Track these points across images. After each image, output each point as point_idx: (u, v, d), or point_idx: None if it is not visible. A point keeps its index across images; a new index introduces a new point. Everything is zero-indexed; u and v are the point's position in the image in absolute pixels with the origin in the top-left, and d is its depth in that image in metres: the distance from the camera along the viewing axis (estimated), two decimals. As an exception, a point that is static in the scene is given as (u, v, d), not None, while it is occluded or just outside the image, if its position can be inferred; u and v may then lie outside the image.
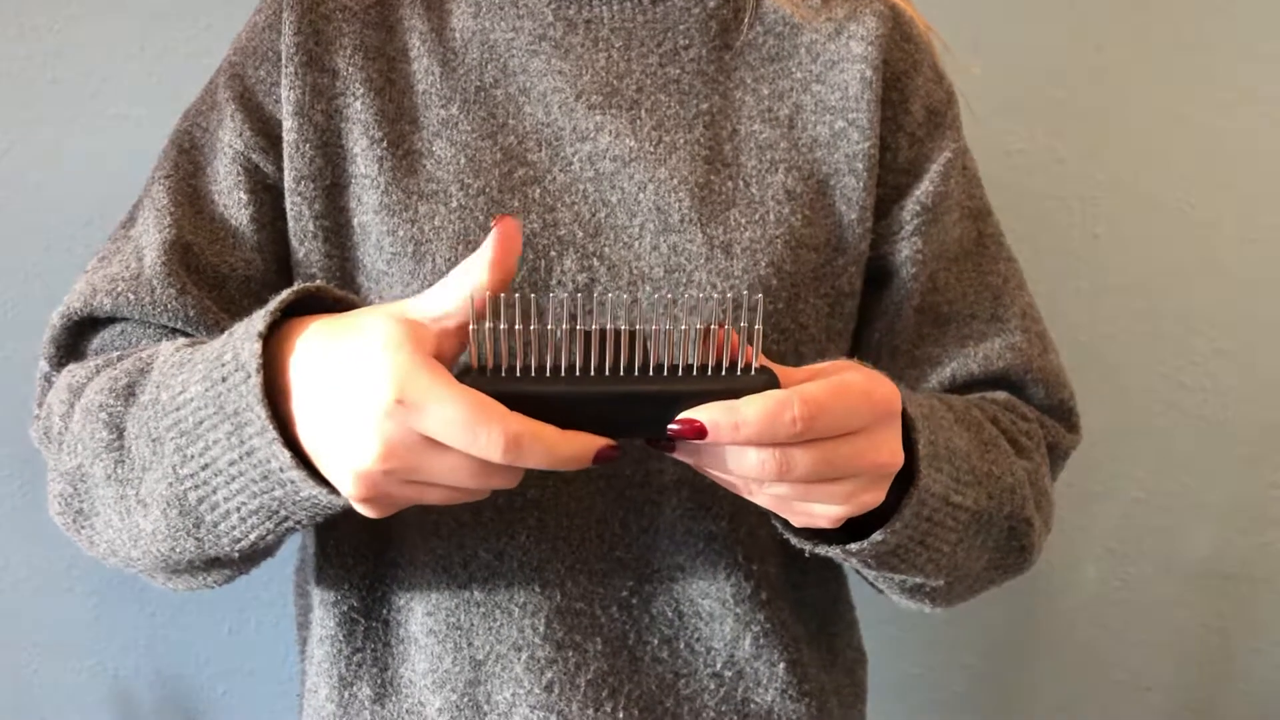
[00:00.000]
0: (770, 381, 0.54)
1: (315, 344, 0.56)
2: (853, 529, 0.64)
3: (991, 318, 0.79)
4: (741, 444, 0.53)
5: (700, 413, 0.53)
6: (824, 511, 0.57)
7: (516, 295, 0.54)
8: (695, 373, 0.54)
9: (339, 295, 0.60)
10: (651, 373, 0.54)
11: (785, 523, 0.63)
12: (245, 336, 0.56)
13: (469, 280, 0.54)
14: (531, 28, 0.74)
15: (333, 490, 0.56)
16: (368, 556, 0.73)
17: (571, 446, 0.53)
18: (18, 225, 1.04)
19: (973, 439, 0.69)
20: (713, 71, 0.74)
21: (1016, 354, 0.78)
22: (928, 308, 0.78)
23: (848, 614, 0.84)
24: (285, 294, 0.58)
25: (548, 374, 0.53)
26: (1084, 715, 1.29)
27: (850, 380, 0.55)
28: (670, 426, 0.54)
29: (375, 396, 0.52)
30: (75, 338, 0.73)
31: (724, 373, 0.54)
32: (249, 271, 0.73)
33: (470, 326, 0.53)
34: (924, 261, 0.76)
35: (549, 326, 0.53)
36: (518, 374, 0.53)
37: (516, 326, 0.53)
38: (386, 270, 0.70)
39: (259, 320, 0.56)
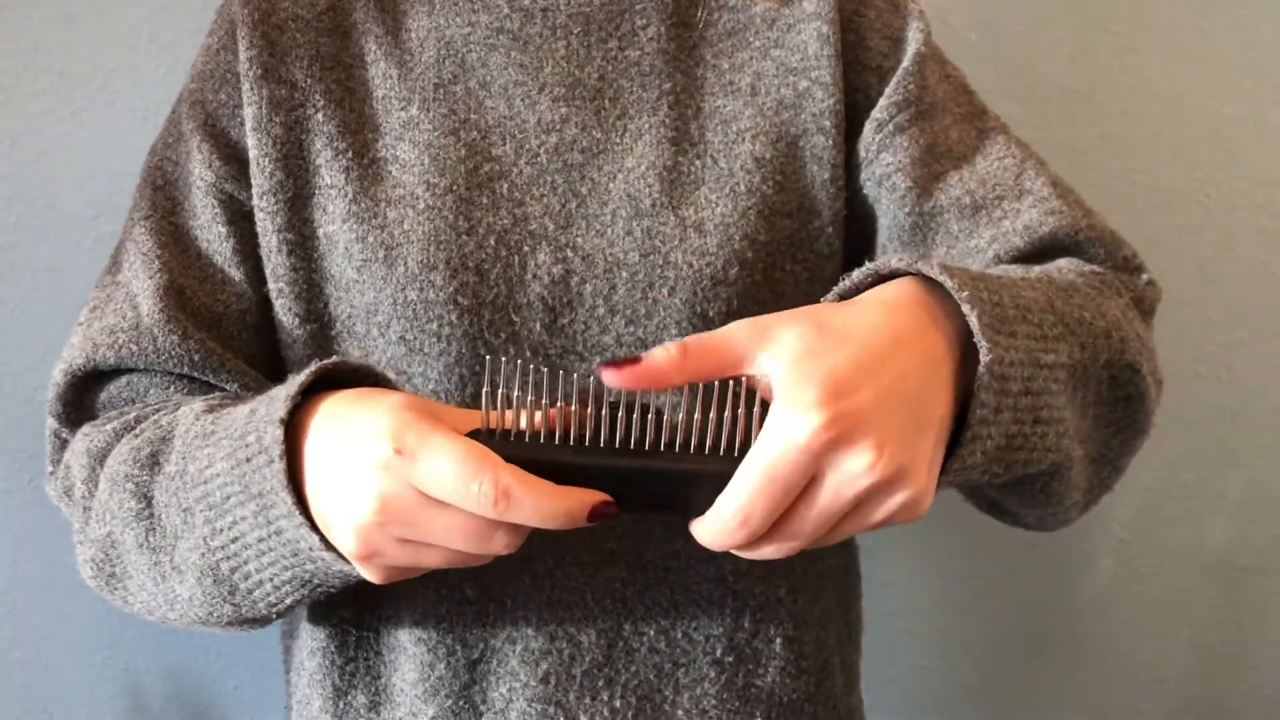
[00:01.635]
0: None
1: (327, 425, 0.57)
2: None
3: (1020, 193, 0.72)
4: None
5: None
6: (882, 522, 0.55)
7: (531, 366, 0.55)
8: (707, 452, 0.54)
9: (357, 366, 0.61)
10: (663, 449, 0.54)
11: None
12: (267, 420, 0.58)
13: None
14: (488, 21, 0.73)
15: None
16: None
17: (565, 502, 0.52)
18: (25, 219, 1.04)
19: (1048, 287, 0.61)
20: (673, 50, 0.74)
21: (1059, 216, 0.71)
22: (946, 208, 0.73)
23: (857, 585, 0.84)
24: (304, 376, 0.59)
25: (557, 442, 0.54)
26: (1098, 708, 1.29)
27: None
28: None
29: (373, 450, 0.53)
30: (81, 393, 0.73)
31: (735, 453, 0.53)
32: (242, 305, 0.73)
33: (483, 390, 0.54)
34: (905, 169, 0.73)
35: (559, 398, 0.54)
36: (526, 439, 0.54)
37: (530, 397, 0.53)
38: (357, 278, 0.70)
39: (280, 406, 0.58)
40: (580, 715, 0.70)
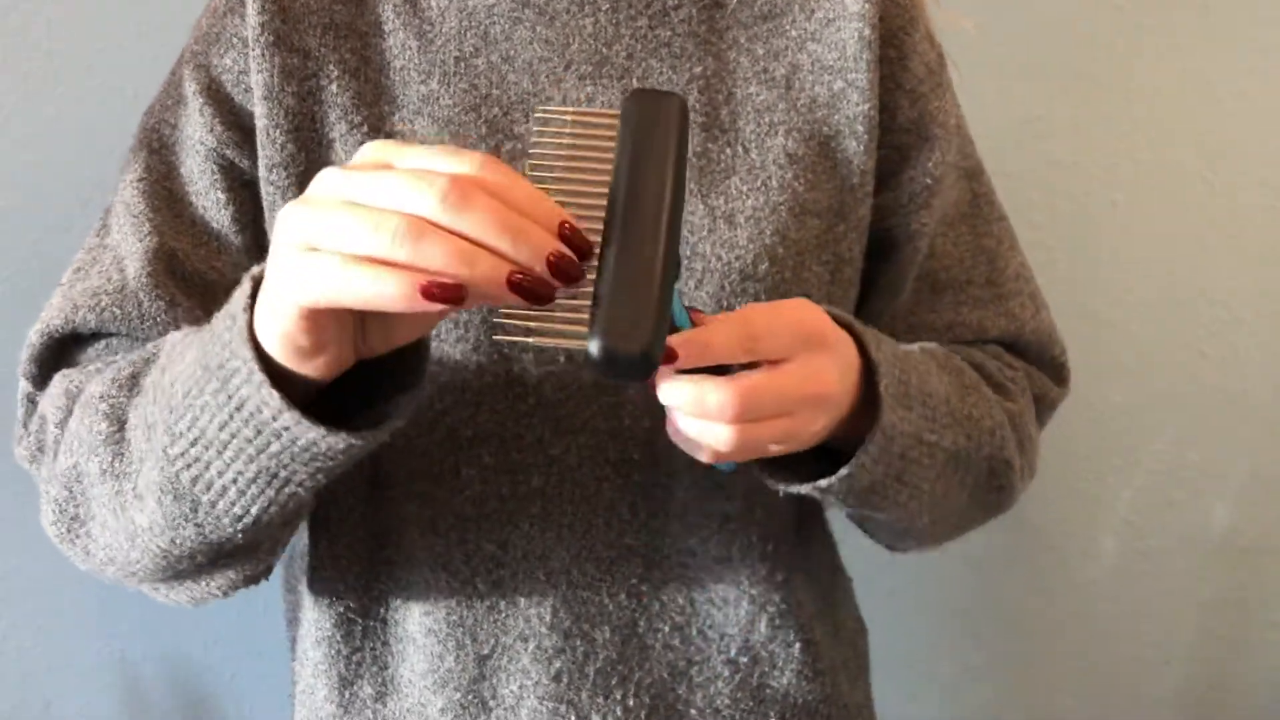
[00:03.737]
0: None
1: None
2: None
3: (987, 283, 0.79)
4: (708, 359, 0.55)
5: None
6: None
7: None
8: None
9: None
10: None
11: (761, 467, 0.64)
12: (240, 292, 0.54)
13: None
14: None
15: (330, 431, 0.52)
16: (362, 556, 0.71)
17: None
18: (14, 203, 1.03)
19: (953, 382, 0.69)
20: (704, 32, 0.71)
21: (1010, 320, 0.79)
22: (924, 274, 0.77)
23: (844, 583, 0.83)
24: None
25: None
26: (1102, 689, 1.29)
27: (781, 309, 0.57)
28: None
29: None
30: (57, 355, 0.70)
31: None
32: (237, 275, 0.69)
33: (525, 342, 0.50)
34: (928, 233, 0.76)
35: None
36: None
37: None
38: None
39: (252, 272, 0.54)
40: (593, 714, 0.69)
